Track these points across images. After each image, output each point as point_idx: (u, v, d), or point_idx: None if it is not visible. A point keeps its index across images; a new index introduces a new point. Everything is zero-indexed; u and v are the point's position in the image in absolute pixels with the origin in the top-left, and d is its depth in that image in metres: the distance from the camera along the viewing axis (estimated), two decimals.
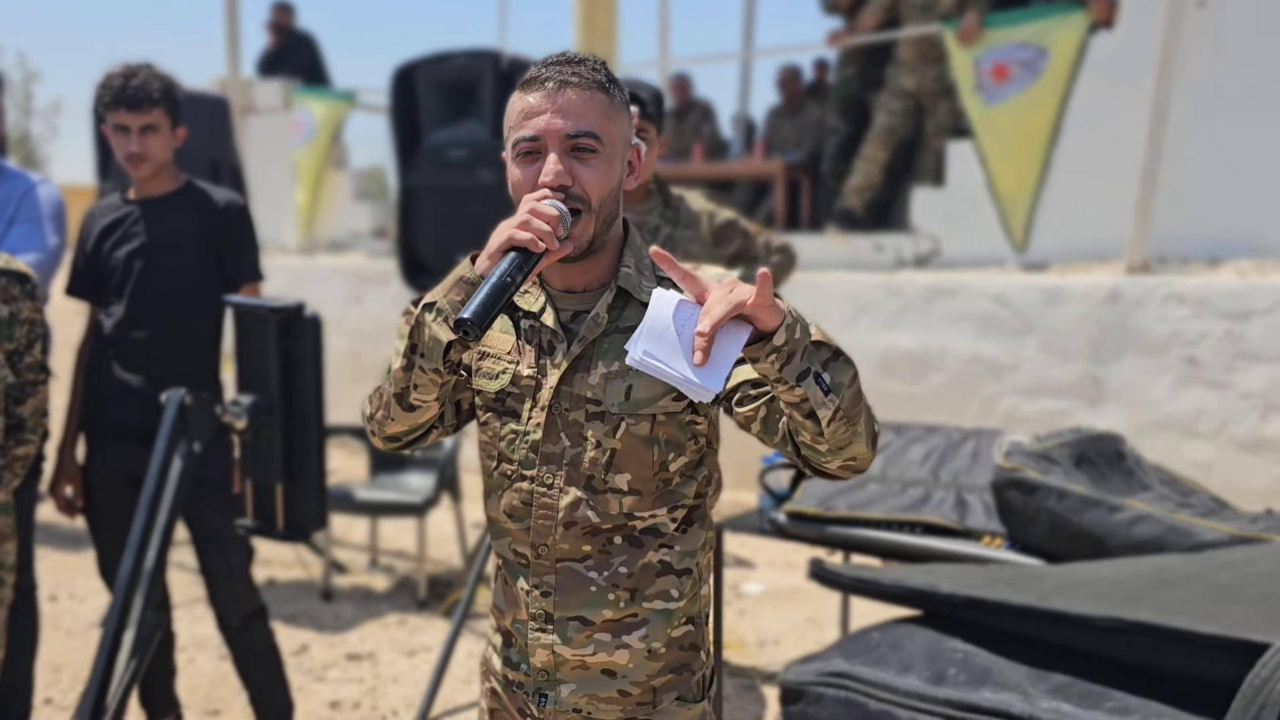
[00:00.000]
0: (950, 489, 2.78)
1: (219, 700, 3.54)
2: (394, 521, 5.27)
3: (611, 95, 1.41)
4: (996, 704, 0.57)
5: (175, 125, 2.80)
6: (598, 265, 1.45)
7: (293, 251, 7.94)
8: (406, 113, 3.93)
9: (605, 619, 1.44)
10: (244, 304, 2.25)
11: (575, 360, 1.42)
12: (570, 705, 1.46)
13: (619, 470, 1.42)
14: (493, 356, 1.49)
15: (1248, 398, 4.56)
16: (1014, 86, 5.37)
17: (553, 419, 1.43)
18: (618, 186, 1.43)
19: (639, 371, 1.37)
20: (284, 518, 2.26)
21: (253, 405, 2.24)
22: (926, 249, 5.68)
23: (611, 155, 1.40)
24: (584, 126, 1.37)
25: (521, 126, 1.39)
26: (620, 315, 1.43)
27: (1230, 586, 0.63)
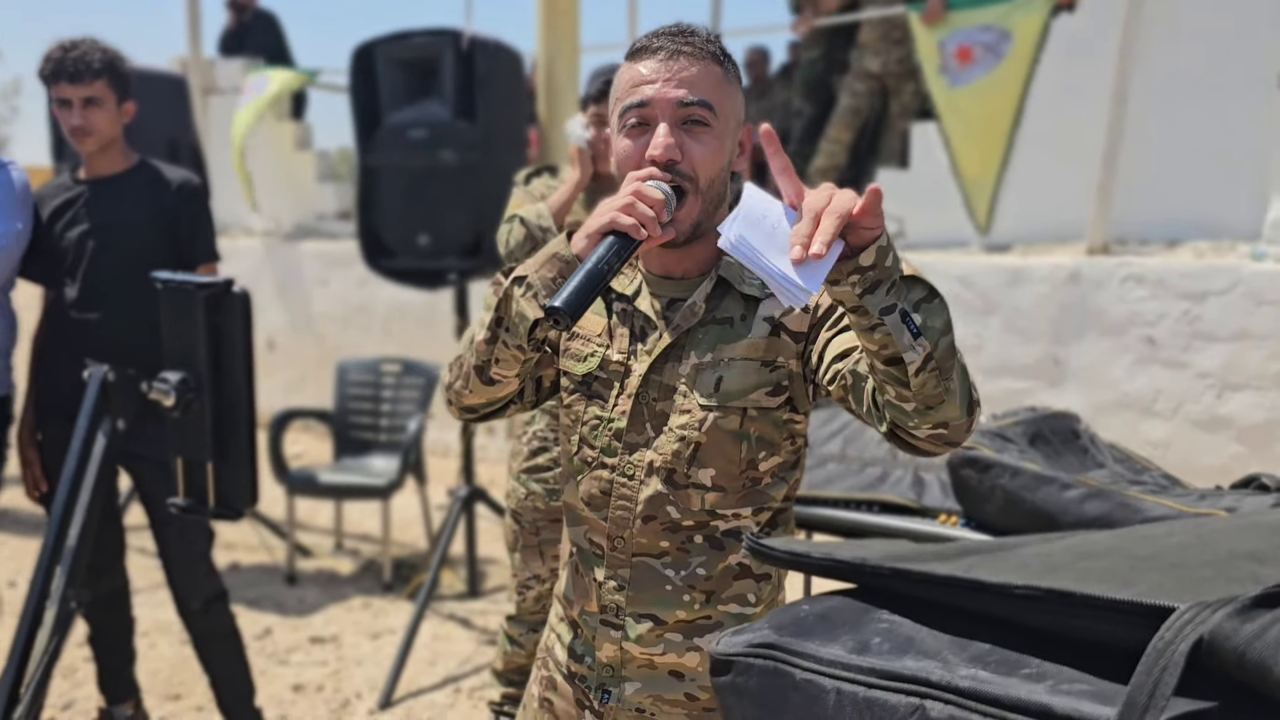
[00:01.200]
0: (908, 468, 2.80)
1: (180, 685, 3.52)
2: (358, 504, 5.25)
3: (726, 68, 1.34)
4: (917, 671, 0.58)
5: (122, 100, 2.74)
6: (700, 251, 1.38)
7: (256, 234, 7.86)
8: (366, 92, 3.89)
9: (678, 619, 1.38)
10: (170, 279, 2.23)
11: (667, 349, 1.36)
12: (633, 704, 1.41)
13: (702, 465, 1.34)
14: (582, 338, 1.43)
15: (1204, 377, 4.63)
16: (978, 69, 5.39)
17: (639, 407, 1.37)
18: (727, 167, 1.34)
19: (731, 362, 1.32)
20: (215, 496, 2.24)
21: (180, 382, 2.21)
22: (891, 230, 5.70)
23: (724, 131, 1.32)
24: (698, 96, 1.29)
25: (631, 94, 1.31)
26: (719, 306, 1.36)
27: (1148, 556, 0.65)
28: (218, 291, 2.20)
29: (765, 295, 1.35)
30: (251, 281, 7.54)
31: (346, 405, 4.89)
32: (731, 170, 1.37)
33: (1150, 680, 0.55)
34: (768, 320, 1.35)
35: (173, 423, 2.24)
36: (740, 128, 1.37)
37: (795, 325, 1.34)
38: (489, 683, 3.23)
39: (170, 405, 2.21)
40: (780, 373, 1.34)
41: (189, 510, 2.31)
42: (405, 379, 4.86)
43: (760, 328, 1.34)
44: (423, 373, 4.84)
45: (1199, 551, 0.74)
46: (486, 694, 3.36)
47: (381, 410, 4.85)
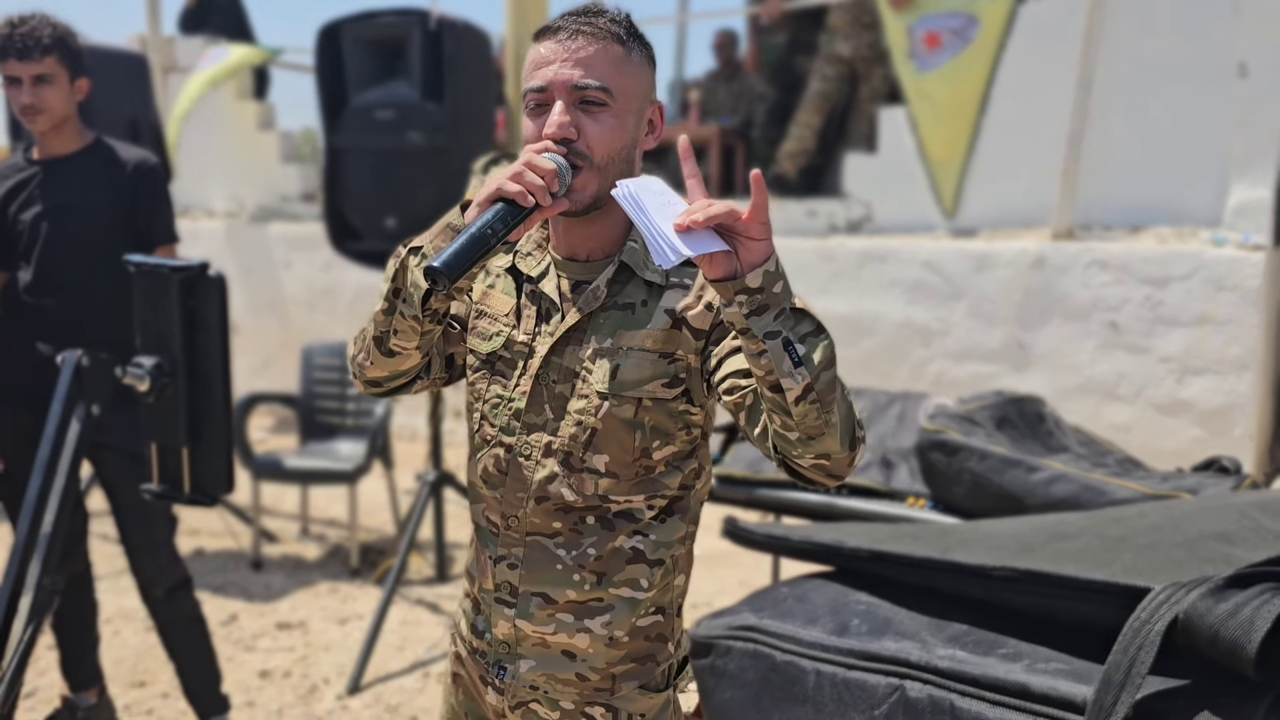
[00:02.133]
0: (876, 451, 2.82)
1: (145, 672, 3.49)
2: (325, 490, 5.22)
3: (629, 48, 1.33)
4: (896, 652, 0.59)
5: (75, 77, 2.68)
6: (603, 233, 1.38)
7: (219, 215, 7.75)
8: (332, 72, 3.84)
9: (569, 599, 1.39)
10: (145, 263, 2.20)
11: (569, 331, 1.37)
12: (528, 681, 1.43)
13: (597, 450, 1.36)
14: (490, 316, 1.44)
15: (1165, 362, 4.70)
16: (946, 54, 5.41)
17: (539, 388, 1.38)
18: (631, 145, 1.34)
19: (629, 351, 1.33)
20: (190, 481, 2.21)
21: (155, 367, 2.18)
22: (859, 215, 5.74)
23: (624, 111, 1.32)
24: (593, 79, 1.29)
25: (531, 77, 1.32)
26: (621, 291, 1.37)
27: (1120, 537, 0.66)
28: (193, 275, 2.17)
29: (668, 284, 1.37)
30: (214, 264, 7.44)
31: (312, 389, 4.85)
32: (641, 149, 1.38)
33: (1127, 659, 0.55)
34: (669, 312, 1.35)
35: (147, 408, 2.21)
36: (649, 106, 1.38)
37: (697, 322, 1.34)
38: None
39: (145, 390, 2.18)
40: (678, 365, 1.35)
41: (163, 496, 2.28)
42: None
43: (660, 318, 1.35)
44: None
45: (1171, 532, 0.75)
46: None
47: (348, 395, 4.81)
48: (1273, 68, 4.67)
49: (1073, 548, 0.66)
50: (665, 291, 1.36)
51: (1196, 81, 4.84)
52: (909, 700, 0.59)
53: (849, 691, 0.61)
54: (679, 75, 8.74)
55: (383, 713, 3.26)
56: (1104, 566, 0.60)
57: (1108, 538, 0.68)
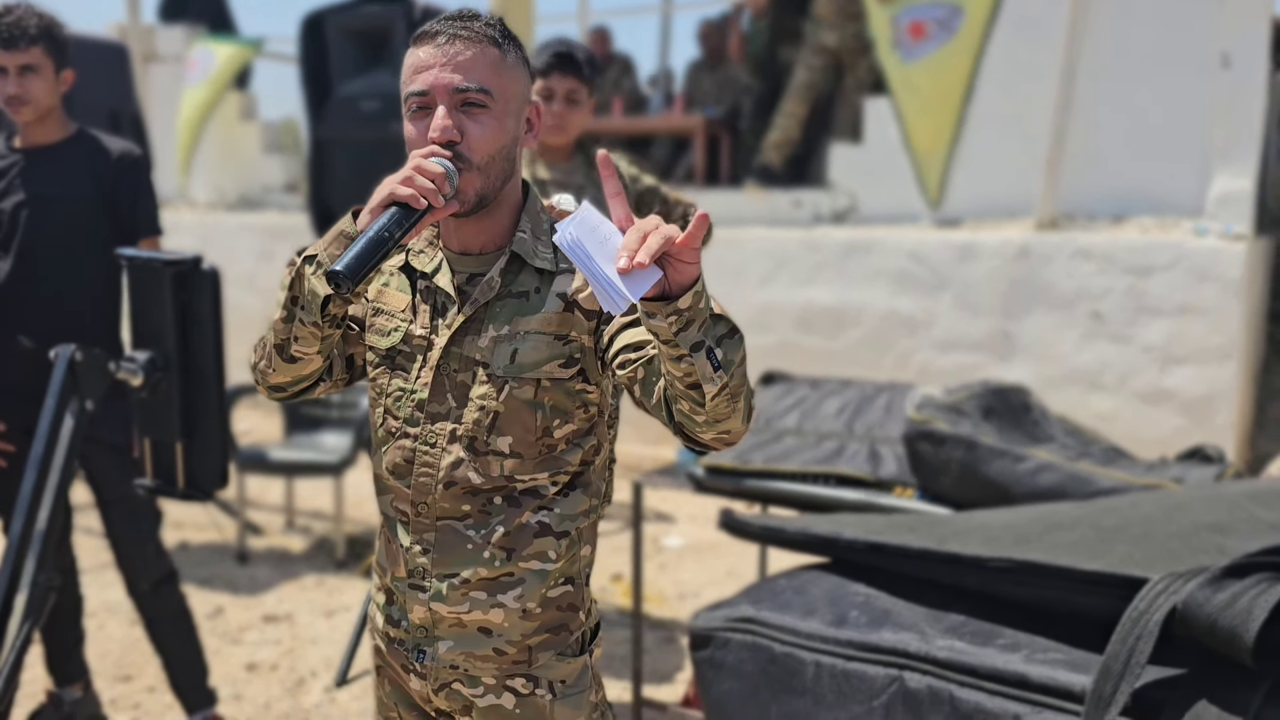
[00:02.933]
0: (864, 441, 2.83)
1: (131, 666, 3.47)
2: (310, 482, 5.19)
3: (505, 51, 1.39)
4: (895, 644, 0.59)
5: (60, 67, 2.65)
6: (493, 227, 1.44)
7: (200, 206, 7.70)
8: (316, 63, 3.81)
9: (481, 577, 1.44)
10: (138, 256, 2.18)
11: (466, 322, 1.42)
12: (447, 662, 1.48)
13: (501, 433, 1.42)
14: (386, 314, 1.49)
15: (1148, 351, 4.73)
16: (930, 44, 5.42)
17: (440, 379, 1.43)
18: (511, 144, 1.40)
19: (526, 335, 1.40)
20: (184, 477, 2.20)
21: (148, 361, 2.16)
22: (844, 205, 5.75)
23: (504, 112, 1.38)
24: (473, 82, 1.35)
25: (412, 81, 1.37)
26: (514, 280, 1.43)
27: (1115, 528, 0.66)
28: (186, 269, 2.16)
29: (558, 270, 1.43)
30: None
31: None
32: (521, 147, 1.44)
33: (1125, 649, 0.56)
34: (561, 296, 1.41)
35: (140, 403, 2.19)
36: (526, 105, 1.44)
37: (588, 304, 1.41)
38: None
39: (138, 385, 2.16)
40: (572, 346, 1.42)
41: (157, 491, 2.27)
42: None
43: (554, 302, 1.41)
44: None
45: (1164, 523, 0.75)
46: None
47: None
48: (1255, 58, 4.70)
49: (1068, 538, 0.66)
50: (556, 277, 1.43)
51: (1179, 72, 4.87)
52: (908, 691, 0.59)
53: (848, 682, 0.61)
54: (663, 64, 8.73)
55: (370, 705, 3.25)
56: (1100, 557, 0.60)
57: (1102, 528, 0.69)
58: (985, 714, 0.57)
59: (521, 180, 1.48)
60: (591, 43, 8.17)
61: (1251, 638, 0.52)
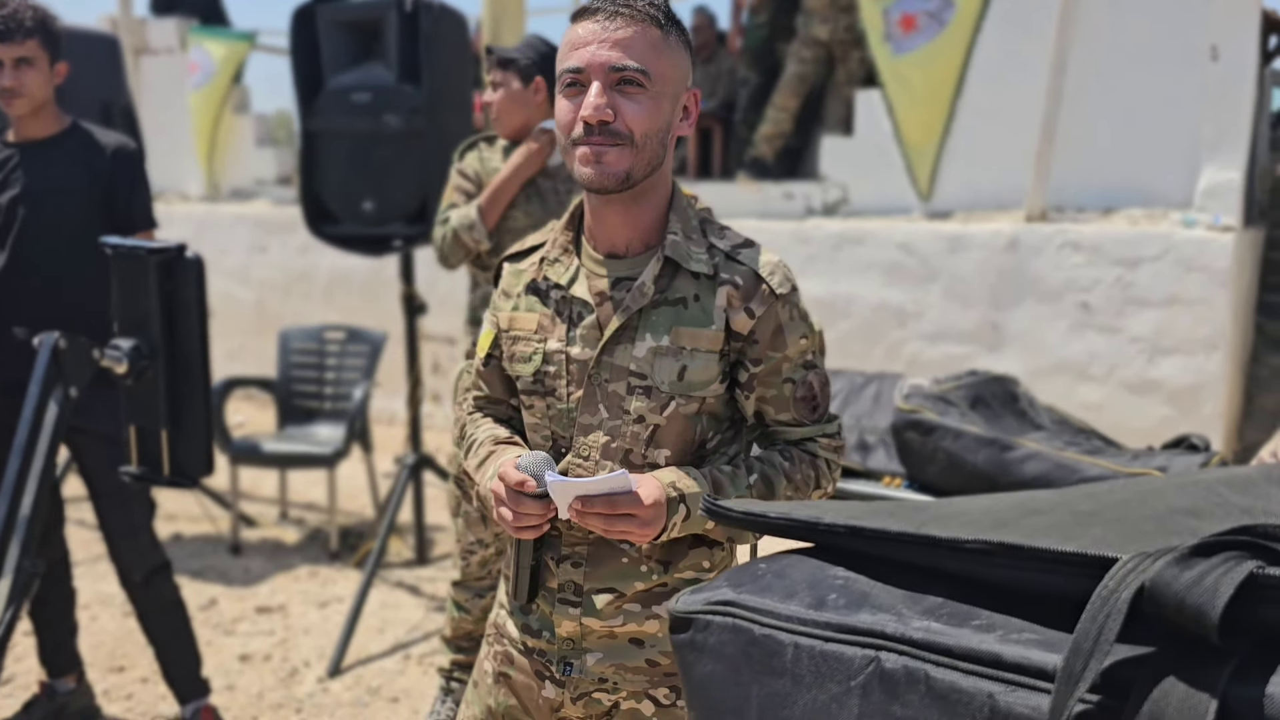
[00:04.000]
0: (853, 431, 2.85)
1: (124, 657, 3.48)
2: (304, 473, 5.20)
3: (667, 31, 1.33)
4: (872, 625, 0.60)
5: (54, 60, 2.66)
6: (642, 219, 1.39)
7: (194, 199, 7.68)
8: (307, 55, 3.80)
9: (636, 590, 1.41)
10: (122, 245, 2.18)
11: (618, 331, 1.37)
12: (596, 674, 1.43)
13: (659, 446, 1.38)
14: (523, 339, 1.45)
15: (1136, 342, 4.76)
16: (921, 37, 5.43)
17: (591, 390, 1.39)
18: (665, 128, 1.34)
19: (694, 353, 1.37)
20: (170, 464, 2.21)
21: (133, 349, 2.17)
22: (835, 197, 5.76)
23: (660, 94, 1.32)
24: (632, 61, 1.29)
25: (568, 57, 1.32)
26: (669, 286, 1.38)
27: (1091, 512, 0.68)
28: (170, 257, 2.16)
29: (717, 276, 1.38)
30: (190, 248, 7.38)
31: (290, 373, 4.83)
32: (676, 135, 1.38)
33: (1095, 626, 0.57)
34: (722, 312, 1.38)
35: (125, 391, 2.20)
36: (685, 91, 1.38)
37: (738, 327, 1.39)
38: (438, 649, 3.24)
39: (123, 373, 2.17)
40: (727, 360, 1.40)
41: (143, 479, 2.27)
42: (349, 346, 4.81)
43: (719, 319, 1.37)
44: (367, 340, 4.79)
45: (1140, 507, 0.77)
46: (436, 660, 3.37)
47: (326, 378, 4.80)
48: (1244, 51, 4.72)
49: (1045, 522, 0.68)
50: (717, 286, 1.38)
51: (1169, 65, 4.89)
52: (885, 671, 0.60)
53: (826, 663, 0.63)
54: None
55: (363, 694, 3.27)
56: (1074, 539, 0.62)
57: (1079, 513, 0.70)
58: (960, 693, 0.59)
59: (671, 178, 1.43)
60: None
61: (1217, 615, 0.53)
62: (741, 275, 1.38)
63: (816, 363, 1.44)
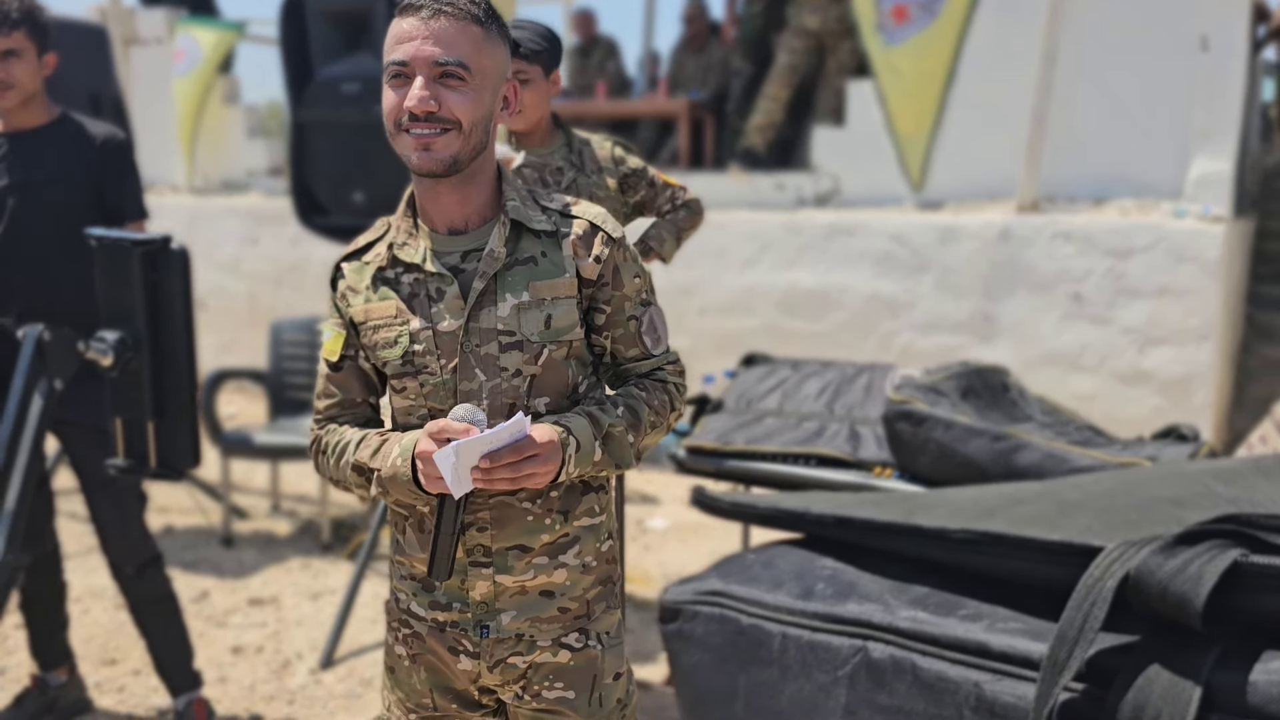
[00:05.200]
0: (844, 422, 2.85)
1: (116, 650, 3.48)
2: (296, 465, 5.19)
3: (487, 28, 1.42)
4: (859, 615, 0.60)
5: (43, 51, 2.64)
6: (476, 196, 1.47)
7: (183, 190, 7.65)
8: (297, 46, 3.79)
9: (543, 543, 1.49)
10: (106, 236, 2.17)
11: (480, 296, 1.44)
12: (512, 631, 1.50)
13: (539, 394, 1.46)
14: (384, 326, 1.49)
15: (1128, 332, 4.77)
16: (913, 27, 5.43)
17: (465, 357, 1.45)
18: (487, 118, 1.43)
19: (555, 301, 1.45)
20: (156, 456, 2.20)
21: (118, 341, 2.16)
22: (827, 188, 5.76)
23: (480, 87, 1.41)
24: (453, 56, 1.38)
25: (394, 50, 1.40)
26: (516, 248, 1.46)
27: (1077, 502, 0.68)
28: (155, 248, 2.15)
29: (559, 232, 1.48)
30: (180, 239, 7.35)
31: (281, 365, 4.82)
32: (497, 123, 1.47)
33: (1080, 615, 0.58)
34: (570, 261, 1.48)
35: (111, 382, 2.19)
36: (505, 84, 1.47)
37: (587, 274, 1.48)
38: None
39: (108, 365, 2.16)
40: (581, 307, 1.49)
41: (129, 471, 2.26)
42: None
43: (570, 267, 1.48)
44: None
45: (1125, 496, 0.77)
46: None
47: (317, 370, 4.78)
48: (1234, 40, 4.73)
49: (1030, 511, 0.68)
50: (560, 240, 1.48)
51: (1159, 55, 4.89)
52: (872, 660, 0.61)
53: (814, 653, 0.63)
54: (648, 47, 8.70)
55: (356, 686, 3.27)
56: (1059, 529, 0.62)
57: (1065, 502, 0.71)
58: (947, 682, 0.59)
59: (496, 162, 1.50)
60: (575, 25, 8.13)
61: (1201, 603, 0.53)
62: (579, 227, 1.49)
63: (651, 299, 1.56)
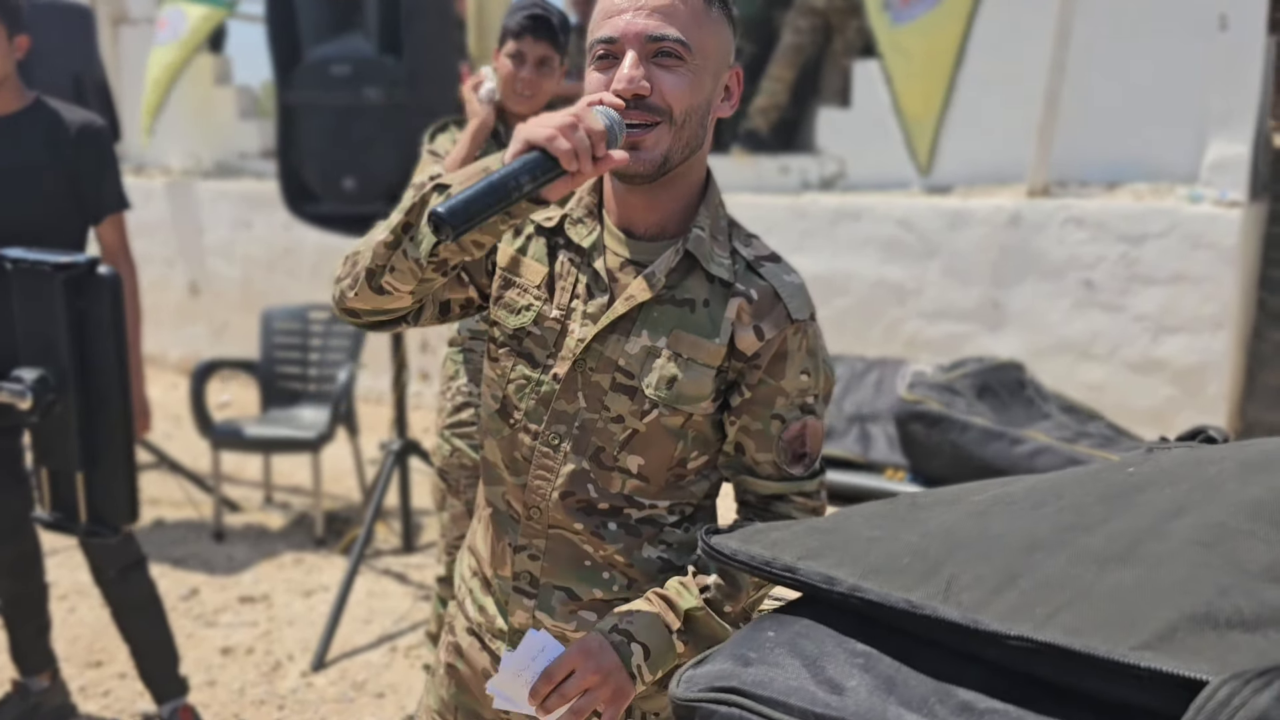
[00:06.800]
0: (854, 421, 2.75)
1: (101, 651, 3.38)
2: (289, 455, 5.09)
3: (710, 2, 1.22)
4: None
5: (13, 33, 2.53)
6: (668, 205, 1.26)
7: (175, 173, 7.52)
8: (285, 25, 3.66)
9: (595, 597, 1.32)
10: (23, 259, 1.88)
11: (618, 320, 1.25)
12: None
13: (633, 451, 1.27)
14: (519, 287, 1.31)
15: (1140, 320, 4.66)
16: (921, 6, 5.28)
17: (573, 374, 1.27)
18: (705, 107, 1.22)
19: (690, 364, 1.24)
20: (87, 510, 1.90)
21: (38, 381, 1.86)
22: (832, 171, 5.63)
23: (701, 69, 1.20)
24: (670, 30, 1.17)
25: (601, 27, 1.20)
26: (680, 284, 1.25)
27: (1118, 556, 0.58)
28: (79, 273, 1.84)
29: (734, 286, 1.26)
30: (170, 224, 7.22)
31: (273, 355, 4.71)
32: (716, 116, 1.26)
33: None
34: (730, 325, 1.26)
35: (33, 428, 1.88)
36: (728, 69, 1.27)
37: (743, 346, 1.27)
38: (423, 643, 3.15)
39: (27, 409, 1.87)
40: (723, 378, 1.28)
41: (54, 527, 1.98)
42: (334, 327, 4.69)
43: (725, 331, 1.25)
44: None
45: (1204, 554, 0.66)
46: (423, 655, 3.28)
47: (310, 360, 4.68)
48: (1253, 20, 4.59)
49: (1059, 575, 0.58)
50: (730, 296, 1.26)
51: (1175, 35, 4.75)
52: None
53: None
54: None
55: (348, 689, 3.18)
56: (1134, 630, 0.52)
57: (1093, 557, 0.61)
58: None
59: (707, 168, 1.29)
60: (575, 4, 7.96)
61: None
62: (759, 290, 1.26)
63: (816, 409, 1.30)
